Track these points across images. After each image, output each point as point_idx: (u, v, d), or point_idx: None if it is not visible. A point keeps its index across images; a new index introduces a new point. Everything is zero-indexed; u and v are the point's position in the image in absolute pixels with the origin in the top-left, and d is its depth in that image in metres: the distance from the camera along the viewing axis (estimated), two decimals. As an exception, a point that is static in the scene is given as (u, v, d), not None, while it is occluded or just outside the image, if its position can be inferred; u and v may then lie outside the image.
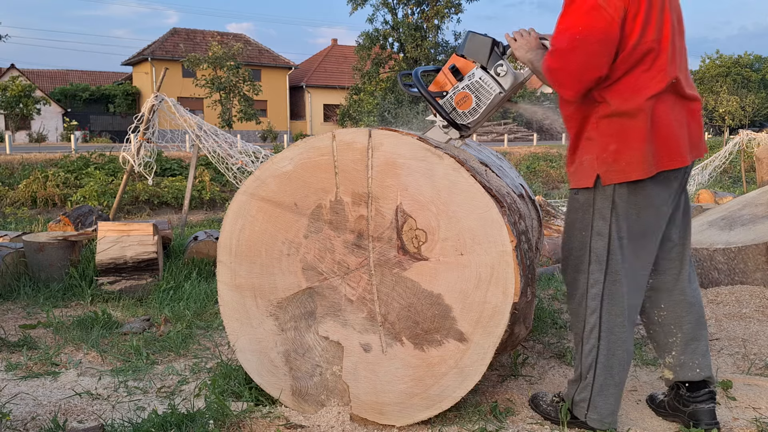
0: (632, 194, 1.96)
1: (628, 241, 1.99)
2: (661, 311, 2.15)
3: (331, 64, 40.40)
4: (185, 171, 12.50)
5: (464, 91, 2.20)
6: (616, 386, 2.05)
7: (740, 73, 44.26)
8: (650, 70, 1.92)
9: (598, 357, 2.03)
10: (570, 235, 2.10)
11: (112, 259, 4.19)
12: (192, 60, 26.23)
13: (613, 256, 1.99)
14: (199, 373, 2.73)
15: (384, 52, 28.72)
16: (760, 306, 3.54)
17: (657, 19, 1.91)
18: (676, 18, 2.00)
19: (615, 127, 1.93)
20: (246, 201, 2.25)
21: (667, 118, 1.93)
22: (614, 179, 1.95)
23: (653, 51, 1.91)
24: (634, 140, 1.91)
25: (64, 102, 35.97)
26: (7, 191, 10.94)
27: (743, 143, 13.04)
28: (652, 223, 2.01)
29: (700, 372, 2.11)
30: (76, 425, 2.20)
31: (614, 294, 2.01)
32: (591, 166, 1.98)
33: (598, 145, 1.97)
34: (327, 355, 2.21)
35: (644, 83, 1.91)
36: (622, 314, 2.02)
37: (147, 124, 6.33)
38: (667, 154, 1.94)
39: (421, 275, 2.07)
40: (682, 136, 1.96)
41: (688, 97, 2.00)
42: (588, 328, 2.04)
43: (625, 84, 1.92)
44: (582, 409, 2.07)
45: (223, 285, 2.32)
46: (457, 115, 2.24)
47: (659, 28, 1.92)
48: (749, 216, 4.39)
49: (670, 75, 1.93)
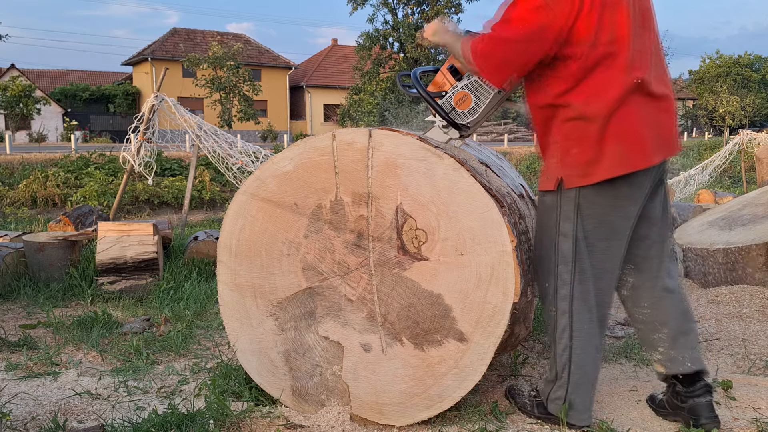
0: (597, 195, 1.97)
1: (595, 242, 2.01)
2: (644, 309, 2.17)
3: (331, 64, 40.40)
4: (185, 171, 12.50)
5: (463, 91, 2.20)
6: (590, 383, 2.08)
7: (740, 73, 44.26)
8: (609, 72, 1.91)
9: (572, 357, 2.05)
10: (538, 237, 2.13)
11: (112, 259, 4.19)
12: (192, 60, 26.22)
13: (580, 257, 2.01)
14: (199, 373, 2.73)
15: (384, 52, 28.72)
16: (760, 306, 3.54)
17: (610, 21, 1.90)
18: (639, 16, 1.97)
19: (577, 130, 1.95)
20: (246, 201, 2.25)
21: (631, 119, 1.93)
22: (577, 182, 1.96)
23: (610, 53, 1.91)
24: (597, 143, 1.92)
25: (64, 102, 35.98)
26: (7, 191, 10.94)
27: (743, 143, 13.04)
28: (618, 224, 2.01)
29: (690, 365, 2.12)
30: (76, 425, 2.20)
31: (583, 294, 2.03)
32: (555, 169, 2.02)
33: (561, 148, 1.99)
34: (327, 355, 2.21)
35: (604, 86, 1.92)
36: (591, 312, 2.04)
37: (147, 124, 6.32)
38: (632, 156, 1.93)
39: (421, 275, 2.07)
40: (649, 137, 1.95)
41: (657, 95, 1.98)
42: (560, 329, 2.07)
43: (586, 87, 1.92)
44: (557, 406, 2.10)
45: (223, 285, 2.32)
46: (456, 115, 2.24)
47: (614, 30, 1.91)
48: (749, 216, 4.39)
49: (632, 76, 1.92)
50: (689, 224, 4.88)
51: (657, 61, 2.03)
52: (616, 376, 2.63)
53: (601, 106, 1.91)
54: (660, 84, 2.01)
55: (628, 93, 1.92)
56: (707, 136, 32.58)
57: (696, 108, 41.75)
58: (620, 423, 2.17)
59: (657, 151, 1.98)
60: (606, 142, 1.92)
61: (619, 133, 1.92)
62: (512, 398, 2.30)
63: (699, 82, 44.15)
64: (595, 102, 1.91)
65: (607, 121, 1.91)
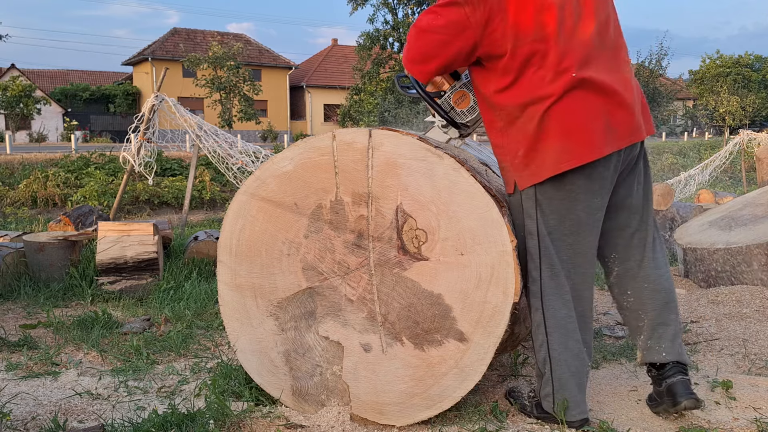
0: (555, 191, 1.98)
1: (560, 237, 2.02)
2: (628, 297, 2.19)
3: (331, 64, 40.40)
4: (185, 171, 12.50)
5: (462, 90, 2.22)
6: (576, 377, 2.07)
7: (740, 73, 44.26)
8: (541, 71, 1.92)
9: (550, 352, 2.06)
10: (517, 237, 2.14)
11: (112, 259, 4.19)
12: (192, 60, 26.22)
13: (546, 253, 2.03)
14: (199, 373, 2.73)
15: (384, 52, 28.69)
16: (760, 306, 3.54)
17: (534, 19, 1.90)
18: (576, 9, 1.96)
19: (519, 131, 1.97)
20: (246, 201, 2.25)
21: (573, 114, 1.92)
22: (528, 182, 1.99)
23: (538, 51, 1.91)
24: (539, 142, 1.94)
25: (64, 102, 35.98)
26: (7, 191, 10.94)
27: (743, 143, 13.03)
28: (582, 217, 2.01)
29: (665, 356, 2.14)
30: (77, 425, 2.20)
31: (554, 289, 2.04)
32: (508, 172, 2.05)
33: (509, 152, 2.02)
34: (327, 355, 2.21)
35: (538, 85, 1.92)
36: (567, 306, 2.05)
37: (147, 123, 6.32)
38: (578, 149, 1.92)
39: (422, 275, 2.07)
40: (598, 129, 1.93)
41: (607, 88, 1.95)
42: (535, 324, 2.09)
43: (520, 88, 1.94)
44: (549, 403, 2.11)
45: (223, 285, 2.32)
46: (455, 114, 2.25)
47: (540, 28, 1.91)
48: (749, 216, 4.39)
49: (568, 72, 1.91)
50: (689, 224, 4.88)
51: (607, 53, 2.00)
52: (617, 376, 2.63)
53: (536, 105, 1.92)
54: (612, 75, 1.98)
55: (566, 89, 1.91)
56: (707, 136, 32.59)
57: (696, 108, 41.75)
58: (620, 423, 2.17)
59: (610, 142, 1.96)
60: (548, 139, 1.93)
61: (561, 129, 1.92)
62: (513, 400, 2.30)
63: (699, 82, 44.15)
64: (530, 101, 1.93)
65: (546, 118, 1.92)
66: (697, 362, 2.78)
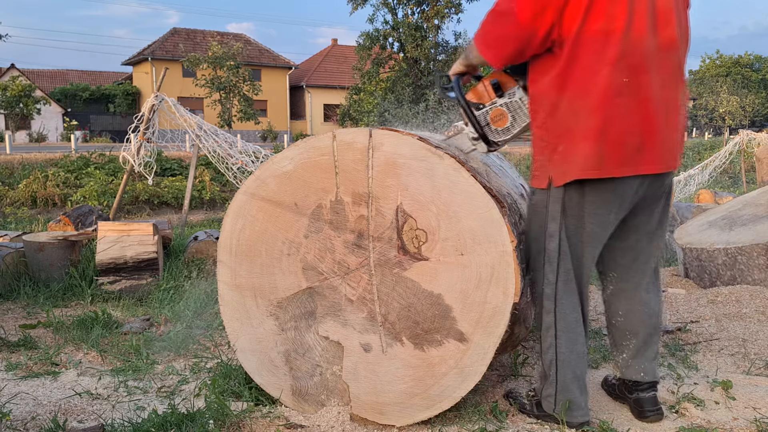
0: (580, 196, 1.96)
1: (575, 243, 2.01)
2: (619, 317, 2.21)
3: (331, 64, 40.40)
4: (185, 171, 12.50)
5: (501, 109, 2.14)
6: (579, 380, 2.08)
7: (740, 73, 44.29)
8: (596, 65, 1.85)
9: (557, 355, 2.06)
10: (529, 234, 2.14)
11: (112, 259, 4.19)
12: (192, 60, 26.23)
13: (564, 257, 2.02)
14: (199, 373, 2.73)
15: (384, 52, 28.69)
16: (760, 306, 3.54)
17: (604, 11, 1.83)
18: (651, 14, 1.89)
19: (563, 126, 1.92)
20: (246, 201, 2.25)
21: (614, 121, 1.86)
22: (564, 179, 1.95)
23: (599, 45, 1.84)
24: (582, 139, 1.88)
25: (64, 102, 35.97)
26: (7, 191, 10.94)
27: (743, 143, 13.05)
28: (595, 229, 2.00)
29: (644, 376, 2.19)
30: (76, 425, 2.20)
31: (568, 293, 2.04)
32: (544, 166, 2.01)
33: (549, 146, 1.97)
34: (327, 355, 2.21)
35: (589, 79, 1.86)
36: (576, 310, 2.05)
37: (147, 123, 6.33)
38: (608, 162, 1.88)
39: (422, 275, 2.07)
40: (630, 146, 1.88)
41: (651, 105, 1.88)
42: (545, 326, 2.08)
43: (571, 79, 1.88)
44: (550, 404, 2.11)
45: (223, 285, 2.32)
46: (489, 131, 2.18)
47: (607, 21, 1.84)
48: (749, 216, 4.39)
49: (622, 75, 1.84)
50: (689, 224, 4.88)
51: (667, 68, 1.92)
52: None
53: (584, 99, 1.87)
54: (663, 92, 1.91)
55: (615, 92, 1.85)
56: (707, 136, 32.58)
57: (696, 108, 41.76)
58: (620, 423, 2.17)
59: (639, 163, 1.90)
60: (586, 139, 1.88)
61: (600, 133, 1.86)
62: (512, 400, 2.30)
63: (699, 82, 44.14)
64: (579, 95, 1.87)
65: (592, 117, 1.86)
66: (697, 362, 2.78)
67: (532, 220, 2.10)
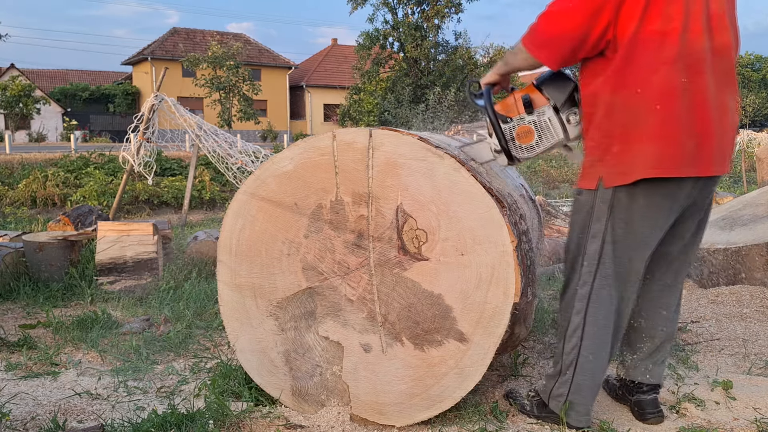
0: (630, 200, 1.92)
1: (623, 249, 1.97)
2: (640, 318, 2.18)
3: (331, 63, 40.40)
4: (185, 171, 12.49)
5: (529, 126, 2.11)
6: (594, 387, 2.07)
7: (740, 73, 44.26)
8: (654, 63, 1.83)
9: (579, 357, 2.04)
10: (570, 234, 2.11)
11: (111, 259, 4.19)
12: (191, 60, 26.24)
13: (604, 261, 1.98)
14: (199, 373, 2.73)
15: (384, 51, 28.69)
16: (760, 306, 3.54)
17: (661, 10, 1.82)
18: (706, 16, 1.87)
19: (618, 126, 1.88)
20: (246, 201, 2.25)
21: (672, 121, 1.83)
22: (616, 181, 1.90)
23: (656, 44, 1.82)
24: (641, 139, 1.85)
25: (63, 102, 35.98)
26: (6, 191, 10.92)
27: (744, 143, 13.05)
28: (647, 233, 1.96)
29: (649, 378, 2.18)
30: (76, 425, 2.20)
31: (602, 298, 2.00)
32: (594, 167, 1.96)
33: (601, 146, 1.93)
34: (327, 355, 2.21)
35: (645, 78, 1.84)
36: (607, 318, 2.01)
37: (147, 123, 6.33)
38: (667, 161, 1.84)
39: (422, 275, 2.06)
40: (688, 146, 1.84)
41: (708, 107, 1.85)
42: (572, 327, 2.05)
43: (628, 78, 1.85)
44: (558, 404, 2.10)
45: (223, 285, 2.32)
46: (513, 147, 2.15)
47: (666, 20, 1.82)
48: (749, 216, 4.39)
49: (680, 75, 1.82)
50: (689, 224, 4.87)
51: (721, 71, 1.90)
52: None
53: (642, 99, 1.84)
54: (718, 96, 1.89)
55: (673, 92, 1.82)
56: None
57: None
58: (620, 423, 2.17)
59: (695, 165, 1.87)
60: (642, 140, 1.84)
61: (658, 132, 1.83)
62: (512, 400, 2.30)
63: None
64: (637, 94, 1.84)
65: (651, 116, 1.83)
66: (697, 362, 2.78)
67: (575, 220, 2.06)
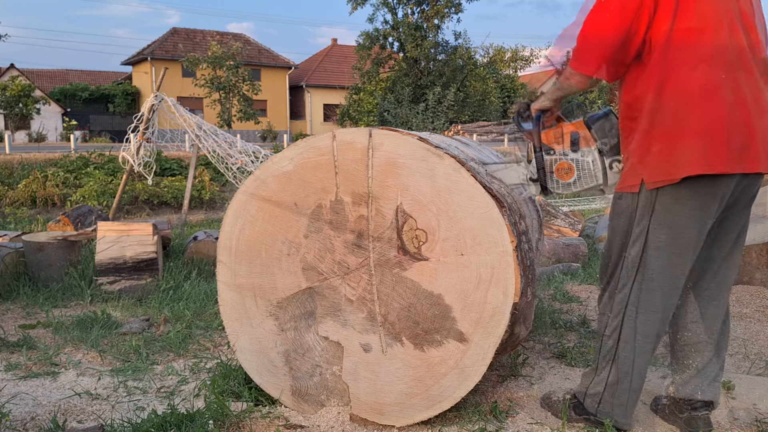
0: (674, 202, 1.87)
1: (668, 254, 1.91)
2: (686, 332, 2.09)
3: (331, 63, 40.38)
4: (185, 171, 12.49)
5: (571, 164, 2.09)
6: (633, 392, 2.02)
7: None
8: (692, 61, 1.82)
9: (615, 359, 2.01)
10: (610, 238, 2.08)
11: (111, 259, 4.19)
12: (191, 60, 26.23)
13: (645, 264, 1.93)
14: (199, 373, 2.73)
15: (384, 51, 28.71)
16: (760, 306, 3.54)
17: (694, 8, 1.82)
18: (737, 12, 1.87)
19: (660, 126, 1.86)
20: (246, 201, 2.25)
21: (717, 117, 1.81)
22: (659, 178, 1.86)
23: (692, 42, 1.81)
24: (684, 136, 1.82)
25: (63, 102, 35.96)
26: (6, 191, 10.92)
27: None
28: (694, 236, 1.90)
29: (700, 395, 2.08)
30: (76, 425, 2.20)
31: (642, 302, 1.96)
32: (635, 169, 1.93)
33: (641, 147, 1.90)
34: (327, 355, 2.21)
35: (686, 76, 1.83)
36: (646, 324, 1.96)
37: (147, 123, 6.32)
38: (713, 158, 1.80)
39: (422, 275, 2.06)
40: (735, 142, 1.81)
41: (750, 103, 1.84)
42: (610, 329, 2.03)
43: (671, 78, 1.84)
44: (593, 403, 2.07)
45: (222, 285, 2.32)
46: (550, 180, 2.13)
47: (701, 17, 1.82)
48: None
49: (719, 72, 1.81)
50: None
51: (756, 69, 1.89)
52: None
53: (684, 96, 1.82)
54: (756, 93, 1.87)
55: (714, 89, 1.81)
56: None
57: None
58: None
59: (743, 161, 1.83)
60: (687, 137, 1.81)
61: (702, 129, 1.80)
62: (549, 406, 2.27)
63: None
64: (678, 92, 1.83)
65: (694, 113, 1.81)
66: (697, 362, 2.78)
67: (615, 224, 2.04)
